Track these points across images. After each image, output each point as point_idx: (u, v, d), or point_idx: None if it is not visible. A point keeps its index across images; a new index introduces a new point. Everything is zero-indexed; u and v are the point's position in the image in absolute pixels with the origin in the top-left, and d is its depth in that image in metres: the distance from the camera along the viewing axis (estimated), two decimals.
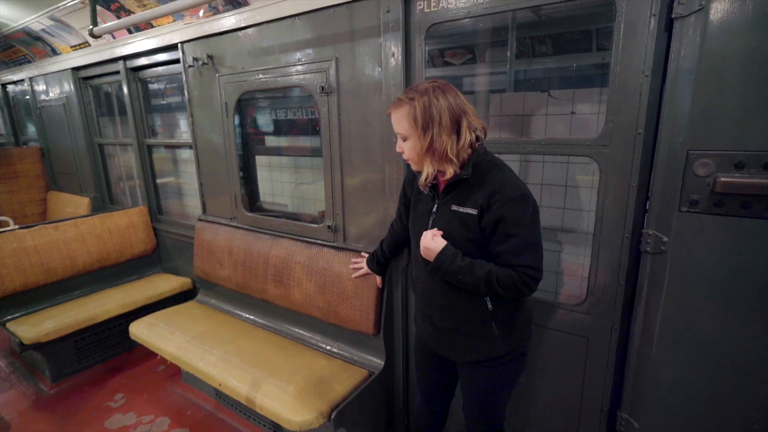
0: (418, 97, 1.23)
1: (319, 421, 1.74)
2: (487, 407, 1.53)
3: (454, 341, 1.45)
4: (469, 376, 1.51)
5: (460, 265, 1.27)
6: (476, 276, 1.25)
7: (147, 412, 2.50)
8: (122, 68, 3.11)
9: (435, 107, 1.21)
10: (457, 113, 1.22)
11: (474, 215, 1.26)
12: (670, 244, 1.33)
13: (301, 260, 2.24)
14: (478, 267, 1.26)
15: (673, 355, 1.40)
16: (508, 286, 1.24)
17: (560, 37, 2.26)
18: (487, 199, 1.24)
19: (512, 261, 1.23)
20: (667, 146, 1.29)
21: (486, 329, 1.37)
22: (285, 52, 2.12)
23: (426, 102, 1.21)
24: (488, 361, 1.42)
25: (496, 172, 1.27)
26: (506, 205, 1.21)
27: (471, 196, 1.27)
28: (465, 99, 1.26)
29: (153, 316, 2.62)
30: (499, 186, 1.23)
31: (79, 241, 2.99)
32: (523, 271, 1.23)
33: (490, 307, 1.34)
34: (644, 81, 1.30)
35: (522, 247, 1.23)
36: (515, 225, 1.21)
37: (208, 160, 2.71)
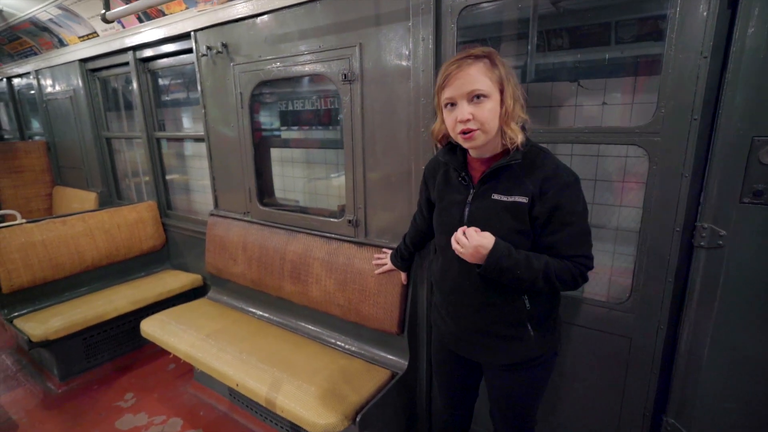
0: (490, 55, 1.12)
1: (344, 424, 1.66)
2: (517, 412, 1.43)
3: (482, 343, 1.33)
4: (498, 380, 1.40)
5: (517, 259, 1.13)
6: (534, 270, 1.13)
7: (158, 413, 2.43)
8: (132, 59, 3.03)
9: (505, 66, 1.12)
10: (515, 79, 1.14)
11: (524, 204, 1.14)
12: (728, 238, 1.24)
13: (319, 256, 2.16)
14: (535, 259, 1.14)
15: (728, 358, 1.32)
16: (566, 279, 1.15)
17: (579, 29, 2.16)
18: (539, 186, 1.13)
19: (568, 251, 1.15)
20: (728, 133, 1.20)
21: (520, 330, 1.26)
22: (304, 39, 2.03)
23: (499, 61, 1.12)
24: (519, 364, 1.31)
25: (544, 157, 1.17)
26: (561, 192, 1.12)
27: (518, 184, 1.16)
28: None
29: (164, 313, 2.54)
30: (553, 171, 1.13)
31: (87, 236, 2.91)
32: (579, 262, 1.15)
33: (528, 306, 1.23)
34: (702, 63, 1.21)
35: (577, 236, 1.15)
36: (570, 213, 1.13)
37: (221, 152, 2.62)
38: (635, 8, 1.78)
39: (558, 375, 1.69)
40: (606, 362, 1.57)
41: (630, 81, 2.01)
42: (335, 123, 2.71)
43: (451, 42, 1.64)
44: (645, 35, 2.00)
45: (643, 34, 2.01)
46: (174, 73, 3.34)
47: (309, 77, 2.51)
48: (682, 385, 1.42)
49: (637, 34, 2.02)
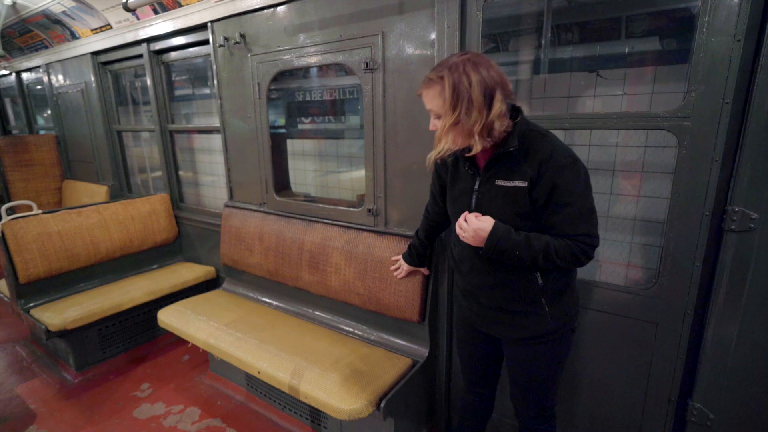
0: (447, 75, 1.15)
1: (369, 410, 1.66)
2: (536, 387, 1.45)
3: (500, 319, 1.40)
4: (516, 355, 1.44)
5: (516, 241, 1.19)
6: (534, 250, 1.18)
7: (176, 402, 2.44)
8: (146, 51, 3.03)
9: (464, 84, 1.13)
10: (490, 87, 1.14)
11: (524, 188, 1.20)
12: (759, 221, 1.25)
13: (338, 245, 2.16)
14: (535, 240, 1.19)
15: (758, 343, 1.32)
16: (567, 258, 1.19)
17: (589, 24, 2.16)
18: (537, 169, 1.18)
19: (568, 231, 1.18)
20: (762, 116, 1.20)
21: (535, 306, 1.31)
22: (325, 28, 2.04)
23: (456, 79, 1.14)
24: (537, 337, 1.35)
25: (541, 140, 1.20)
26: (558, 173, 1.16)
27: (518, 169, 1.21)
28: (499, 69, 1.18)
29: (180, 303, 2.55)
30: (548, 154, 1.17)
31: (102, 228, 2.92)
32: (581, 240, 1.18)
33: (540, 282, 1.28)
34: (736, 46, 1.21)
35: (577, 215, 1.18)
36: (569, 193, 1.16)
37: (237, 144, 2.63)
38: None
39: (582, 359, 1.70)
40: (631, 347, 1.58)
41: (650, 71, 2.01)
42: (354, 113, 2.71)
43: (476, 30, 1.64)
44: (667, 27, 2.00)
45: (665, 26, 2.01)
46: (181, 69, 3.35)
47: (329, 67, 2.52)
48: (709, 369, 1.43)
49: (657, 27, 2.03)
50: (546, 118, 1.65)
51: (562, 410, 1.79)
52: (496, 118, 1.15)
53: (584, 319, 1.66)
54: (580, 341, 1.69)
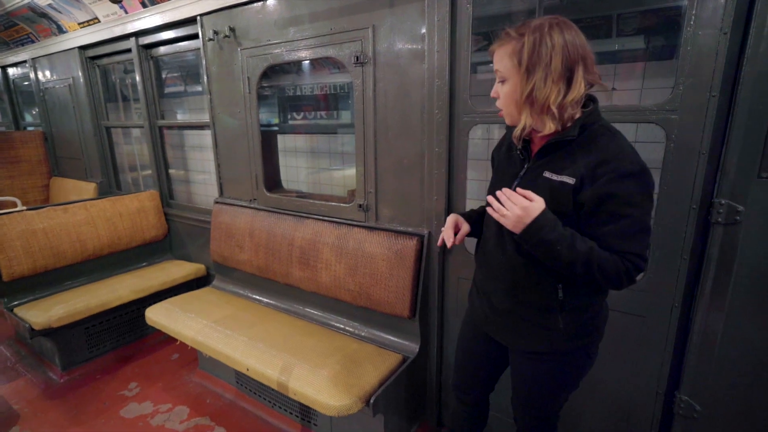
0: (529, 33, 1.02)
1: (358, 406, 1.65)
2: (537, 402, 1.34)
3: (509, 325, 1.27)
4: (520, 367, 1.33)
5: (561, 233, 1.03)
6: (576, 251, 1.02)
7: (164, 401, 2.40)
8: (134, 45, 3.00)
9: (546, 47, 0.99)
10: (572, 58, 1.00)
11: (570, 185, 1.05)
12: (745, 214, 1.26)
13: (329, 241, 2.15)
14: (580, 241, 1.03)
15: (744, 334, 1.33)
16: (608, 273, 1.02)
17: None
18: (593, 168, 1.02)
19: (618, 246, 1.03)
20: (747, 109, 1.21)
21: (550, 319, 1.17)
22: (315, 22, 2.02)
23: (536, 40, 1.00)
24: (544, 354, 1.23)
25: (608, 138, 1.05)
26: (619, 181, 1.00)
27: (571, 163, 1.06)
28: (587, 43, 1.03)
29: (169, 301, 2.52)
30: (613, 155, 1.01)
31: (89, 224, 2.87)
32: (629, 259, 1.02)
33: (560, 295, 1.14)
34: (722, 39, 1.22)
35: (633, 230, 1.02)
36: (627, 204, 1.00)
37: (227, 139, 2.60)
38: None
39: None
40: (620, 341, 1.58)
41: (640, 67, 2.02)
42: (347, 109, 2.69)
43: (467, 24, 1.64)
44: (657, 24, 2.01)
45: (655, 23, 2.02)
46: (171, 65, 3.32)
47: (321, 63, 2.51)
48: (696, 362, 1.44)
49: (647, 25, 2.04)
50: None
51: None
52: (574, 97, 1.01)
53: None
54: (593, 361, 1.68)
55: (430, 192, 1.84)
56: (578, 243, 1.03)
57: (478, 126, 1.76)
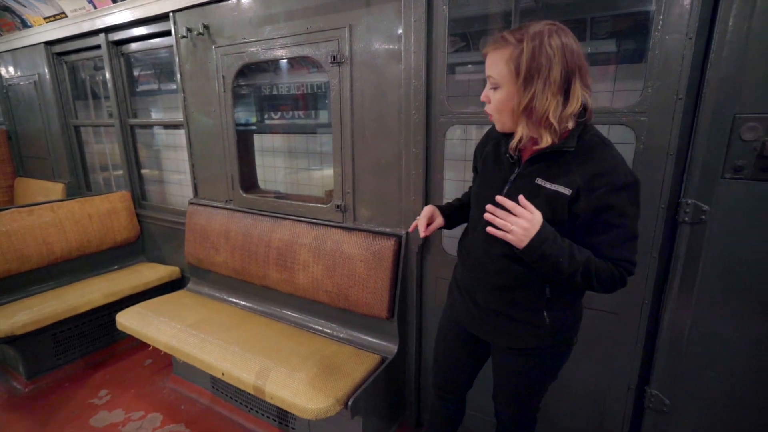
0: (528, 40, 0.98)
1: (336, 408, 1.64)
2: (521, 396, 1.38)
3: (495, 324, 1.27)
4: (506, 364, 1.34)
5: (562, 247, 1.03)
6: (576, 262, 1.03)
7: (136, 408, 2.33)
8: (103, 42, 2.89)
9: (546, 56, 0.96)
10: (571, 68, 0.98)
11: (566, 195, 1.04)
12: (710, 213, 1.30)
13: (306, 242, 2.12)
14: (577, 251, 1.05)
15: (711, 329, 1.38)
16: (604, 280, 1.06)
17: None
18: (590, 180, 1.02)
19: (611, 254, 1.06)
20: (711, 111, 1.25)
21: (536, 317, 1.19)
22: (291, 20, 1.99)
23: (536, 47, 0.97)
24: (532, 349, 1.26)
25: (603, 150, 1.05)
26: (616, 193, 1.01)
27: (565, 173, 1.05)
28: (582, 53, 1.01)
29: (141, 305, 2.44)
30: (609, 168, 1.02)
31: (56, 227, 2.76)
32: (622, 266, 1.06)
33: (548, 294, 1.16)
34: (688, 44, 1.26)
35: (625, 238, 1.06)
36: (621, 215, 1.03)
37: (202, 139, 2.54)
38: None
39: None
40: (593, 338, 1.61)
41: (612, 69, 2.07)
42: (318, 108, 2.67)
43: (443, 25, 1.64)
44: (628, 28, 2.07)
45: (626, 27, 2.07)
46: (144, 63, 3.23)
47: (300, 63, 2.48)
48: (665, 357, 1.47)
49: (619, 28, 2.09)
50: None
51: None
52: (573, 110, 1.00)
53: None
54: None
55: (408, 192, 1.84)
56: (577, 254, 1.04)
57: (455, 126, 1.77)
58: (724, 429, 1.43)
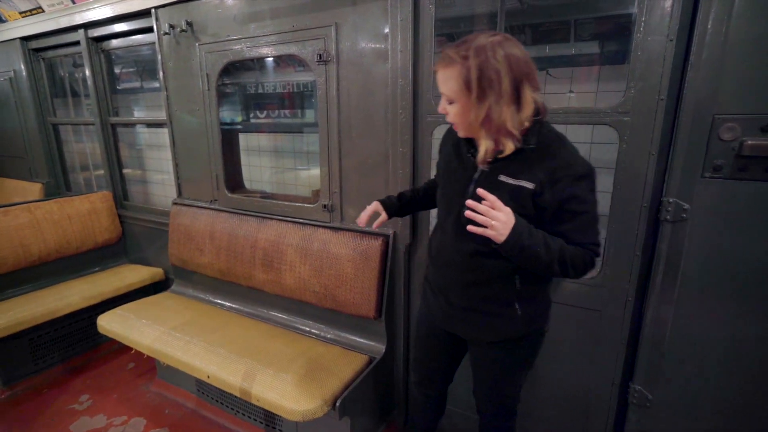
0: (473, 56, 1.02)
1: (323, 409, 1.62)
2: (501, 388, 1.43)
3: (469, 320, 1.31)
4: (484, 356, 1.39)
5: (536, 236, 1.09)
6: (552, 251, 1.09)
7: (118, 413, 2.27)
8: (83, 38, 2.82)
9: (494, 70, 1.00)
10: (519, 77, 1.02)
11: (530, 189, 1.10)
12: (691, 212, 1.33)
13: (293, 242, 2.10)
14: (551, 240, 1.10)
15: (691, 325, 1.41)
16: (578, 265, 1.12)
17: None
18: (551, 174, 1.08)
19: (579, 239, 1.12)
20: (692, 112, 1.28)
21: (509, 309, 1.24)
22: (277, 18, 1.97)
23: (482, 63, 1.01)
24: (507, 341, 1.31)
25: (560, 144, 1.12)
26: (577, 183, 1.08)
27: (528, 169, 1.11)
28: (529, 57, 1.05)
29: (123, 308, 2.39)
30: (568, 161, 1.10)
31: (33, 228, 2.68)
32: (590, 249, 1.13)
33: (518, 286, 1.22)
34: (669, 46, 1.28)
35: (590, 224, 1.13)
36: (583, 202, 1.10)
37: (186, 138, 2.50)
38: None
39: None
40: (578, 335, 1.63)
41: (596, 70, 2.10)
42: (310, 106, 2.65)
43: (429, 24, 1.64)
44: (611, 30, 2.10)
45: (609, 29, 2.11)
46: (134, 58, 3.16)
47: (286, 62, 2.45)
48: (648, 353, 1.50)
49: (602, 30, 2.12)
50: None
51: None
52: (527, 115, 1.04)
53: None
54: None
55: (395, 192, 1.83)
56: (551, 243, 1.10)
57: (441, 126, 1.77)
58: (704, 422, 1.47)
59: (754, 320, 1.32)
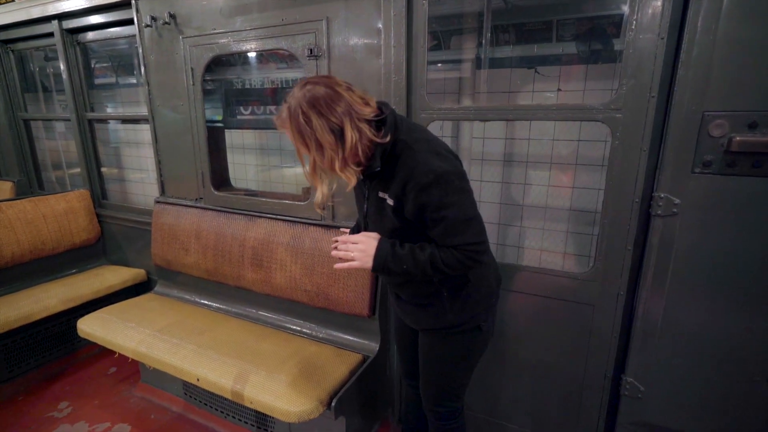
0: (288, 119, 1.11)
1: (319, 410, 1.60)
2: (435, 381, 1.46)
3: (412, 311, 1.41)
4: (422, 345, 1.46)
5: (401, 255, 1.19)
6: (420, 262, 1.17)
7: (101, 420, 2.19)
8: (57, 29, 2.70)
9: (306, 129, 1.08)
10: (336, 123, 1.08)
11: (391, 205, 1.19)
12: (681, 206, 1.36)
13: (284, 241, 2.06)
14: (419, 251, 1.18)
15: (682, 318, 1.44)
16: (454, 266, 1.17)
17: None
18: (402, 188, 1.15)
19: (451, 242, 1.16)
20: (682, 109, 1.31)
21: (438, 299, 1.32)
22: (265, 11, 1.93)
23: (297, 125, 1.09)
24: (439, 329, 1.37)
25: (407, 155, 1.15)
26: (423, 193, 1.11)
27: (390, 185, 1.18)
28: (345, 89, 1.12)
29: (105, 310, 2.30)
30: (411, 172, 1.12)
31: (5, 228, 2.55)
32: (464, 249, 1.16)
33: (436, 280, 1.28)
34: (660, 43, 1.31)
35: (454, 227, 1.14)
36: (439, 209, 1.12)
37: (169, 134, 2.42)
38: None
39: (524, 342, 1.76)
40: (570, 329, 1.66)
41: (582, 69, 2.13)
42: None
43: (423, 19, 1.63)
44: (594, 31, 2.13)
45: (591, 30, 2.14)
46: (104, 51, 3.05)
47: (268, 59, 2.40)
48: (639, 346, 1.53)
49: (584, 31, 2.15)
50: (490, 110, 1.69)
51: (506, 392, 1.85)
52: (351, 147, 1.09)
53: (526, 304, 1.72)
54: (522, 325, 1.75)
55: None
56: (419, 254, 1.18)
57: (435, 123, 1.77)
58: (695, 413, 1.51)
59: (743, 312, 1.35)
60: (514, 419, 1.88)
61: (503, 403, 1.88)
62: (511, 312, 1.75)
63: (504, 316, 1.76)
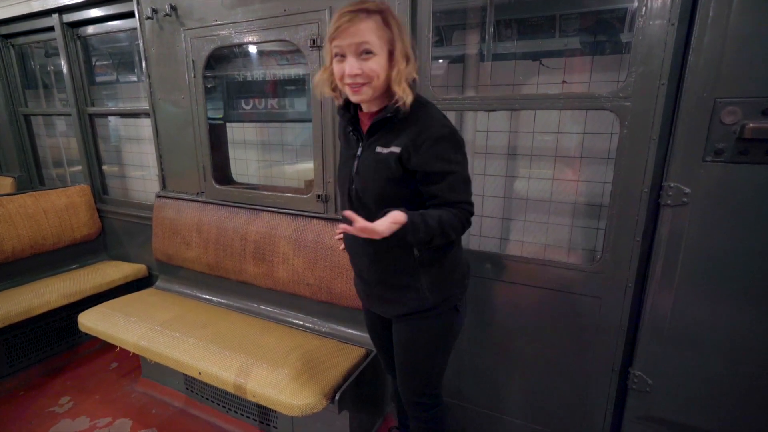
0: (384, 10, 1.12)
1: (323, 403, 1.58)
2: (414, 370, 1.41)
3: (384, 294, 1.35)
4: (397, 333, 1.40)
5: (424, 224, 1.12)
6: (431, 228, 1.12)
7: (102, 415, 2.18)
8: (57, 23, 2.68)
9: (397, 24, 1.13)
10: (408, 46, 1.15)
11: (396, 153, 1.17)
12: (692, 196, 1.33)
13: (286, 234, 2.04)
14: (429, 218, 1.13)
15: (690, 311, 1.42)
16: (456, 227, 1.17)
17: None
18: (415, 138, 1.15)
19: (451, 198, 1.17)
20: (693, 96, 1.28)
21: (414, 279, 1.28)
22: (267, 2, 1.90)
23: (392, 15, 1.14)
24: (416, 314, 1.32)
25: (423, 110, 1.19)
26: (437, 143, 1.14)
27: (397, 137, 1.18)
28: None
29: (106, 305, 2.29)
30: (428, 125, 1.16)
31: (6, 223, 2.53)
32: (463, 207, 1.19)
33: (416, 253, 1.26)
34: (671, 30, 1.28)
35: (458, 183, 1.18)
36: (449, 162, 1.15)
37: (170, 128, 2.40)
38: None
39: (531, 335, 1.74)
40: (577, 321, 1.63)
41: (587, 60, 2.10)
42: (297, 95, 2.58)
43: (428, 9, 1.61)
44: (603, 23, 2.10)
45: (601, 23, 2.11)
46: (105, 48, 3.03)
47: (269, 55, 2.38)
48: (648, 339, 1.51)
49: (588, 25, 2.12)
50: (495, 99, 1.67)
51: (513, 387, 1.82)
52: (406, 71, 1.14)
53: (532, 297, 1.69)
54: (528, 318, 1.72)
55: None
56: (429, 220, 1.13)
57: None
58: (704, 407, 1.48)
59: (755, 305, 1.33)
60: (519, 414, 1.86)
61: (508, 397, 1.86)
62: (516, 305, 1.73)
63: (509, 309, 1.74)
